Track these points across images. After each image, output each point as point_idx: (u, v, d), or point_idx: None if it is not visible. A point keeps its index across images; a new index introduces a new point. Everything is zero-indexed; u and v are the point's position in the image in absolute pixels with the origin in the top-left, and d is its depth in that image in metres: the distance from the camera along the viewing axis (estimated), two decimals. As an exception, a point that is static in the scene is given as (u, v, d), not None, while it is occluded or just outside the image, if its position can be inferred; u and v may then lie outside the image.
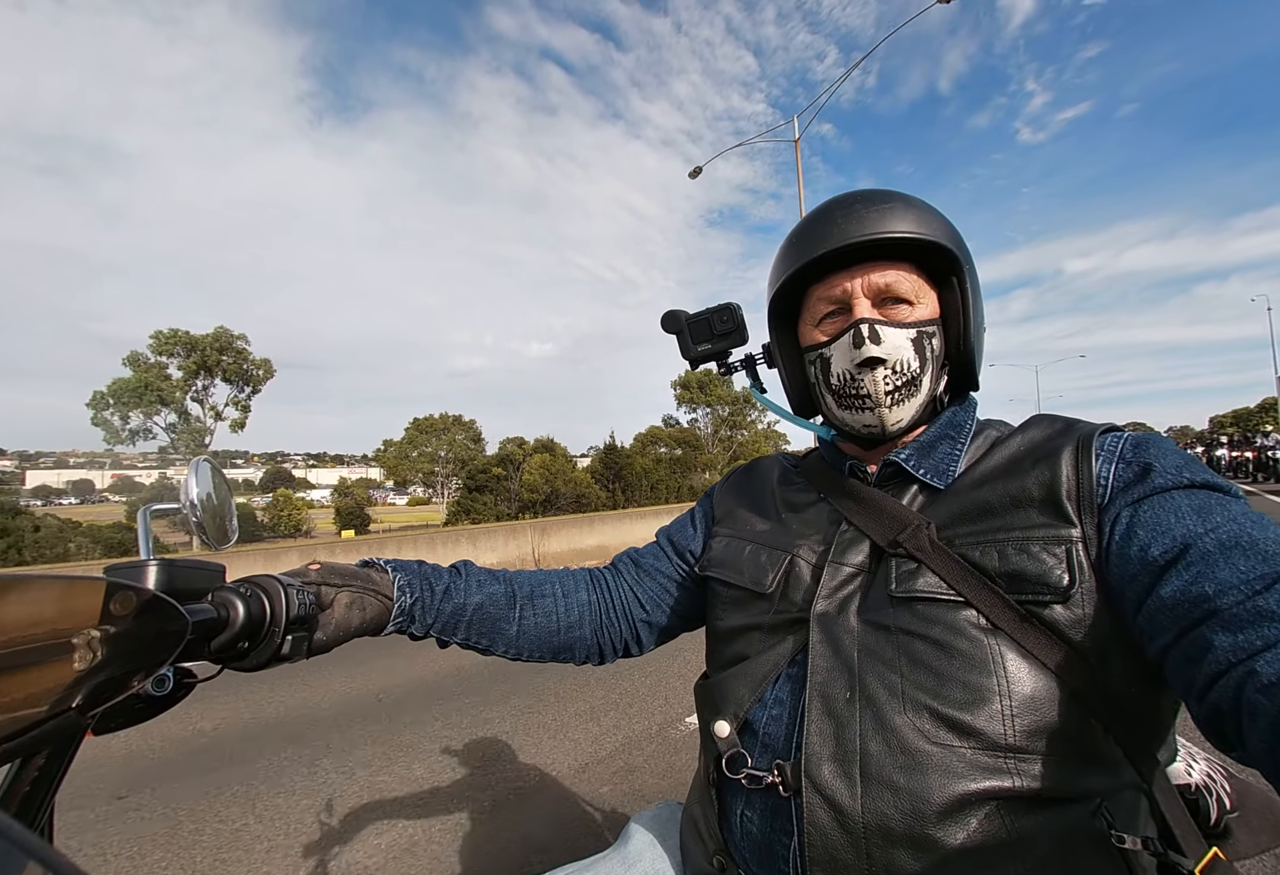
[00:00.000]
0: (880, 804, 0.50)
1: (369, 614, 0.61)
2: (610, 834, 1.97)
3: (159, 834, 2.08)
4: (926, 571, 0.56)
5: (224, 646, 0.49)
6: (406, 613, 0.65)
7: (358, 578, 0.62)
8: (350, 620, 0.59)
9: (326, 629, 0.57)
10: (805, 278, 0.67)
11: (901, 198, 0.65)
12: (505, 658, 0.75)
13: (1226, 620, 0.41)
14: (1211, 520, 0.47)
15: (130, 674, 0.39)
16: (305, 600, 0.53)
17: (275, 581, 0.53)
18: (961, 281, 0.64)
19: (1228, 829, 0.64)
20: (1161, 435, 0.57)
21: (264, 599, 0.51)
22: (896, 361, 0.61)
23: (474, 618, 0.70)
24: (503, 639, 0.73)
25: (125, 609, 0.38)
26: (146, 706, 0.46)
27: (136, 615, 0.38)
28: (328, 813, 2.24)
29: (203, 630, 0.46)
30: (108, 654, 0.36)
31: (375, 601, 0.62)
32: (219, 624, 0.48)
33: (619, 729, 2.85)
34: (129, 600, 0.38)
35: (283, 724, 3.18)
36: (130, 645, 0.38)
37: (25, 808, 0.38)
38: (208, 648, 0.49)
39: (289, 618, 0.51)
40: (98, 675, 0.36)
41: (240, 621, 0.49)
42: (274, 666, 0.53)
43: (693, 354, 0.77)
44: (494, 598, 0.72)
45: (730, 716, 0.62)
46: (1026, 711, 0.49)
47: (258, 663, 0.52)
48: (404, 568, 0.68)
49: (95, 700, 0.37)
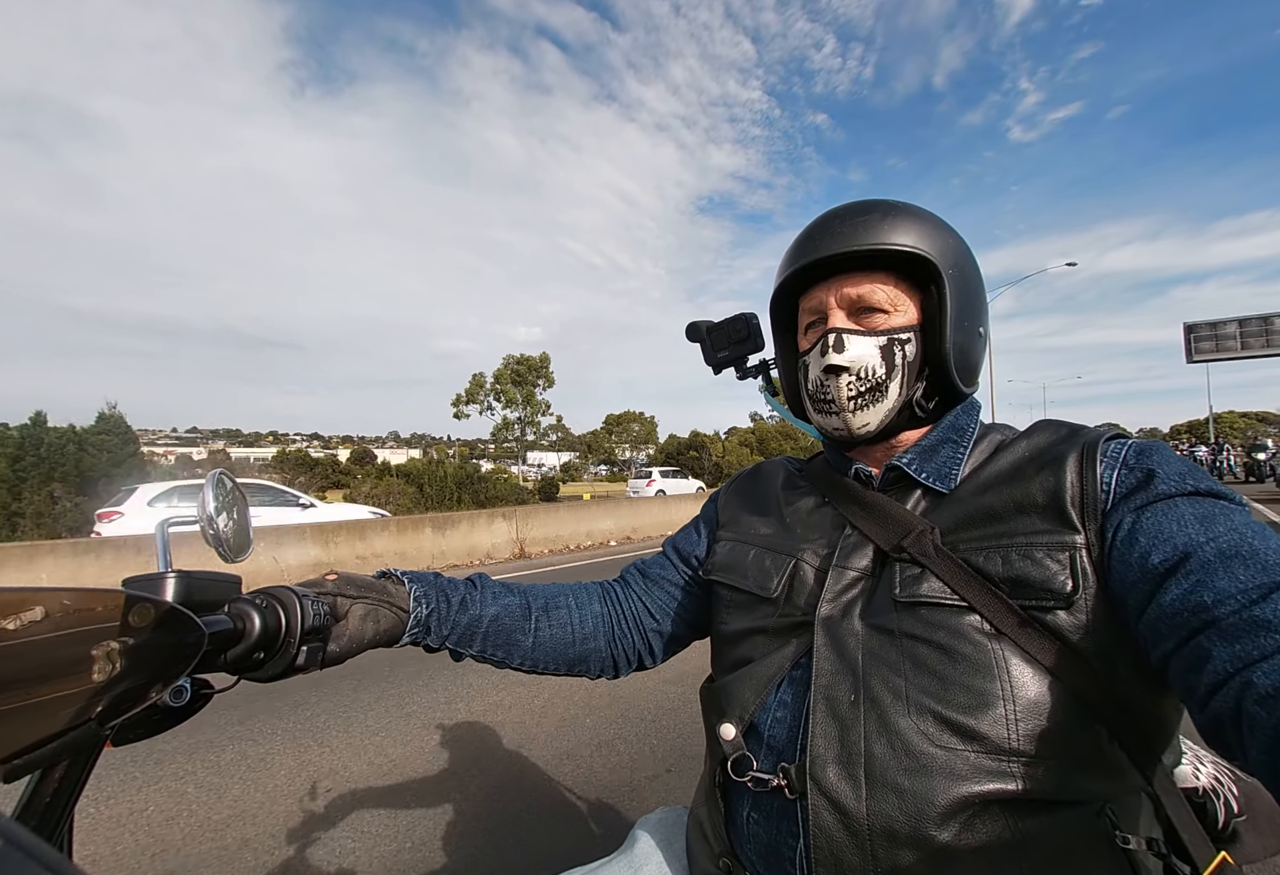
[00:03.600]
0: (885, 806, 0.50)
1: (383, 625, 0.62)
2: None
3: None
4: (930, 576, 0.56)
5: (240, 657, 0.49)
6: (422, 624, 0.66)
7: (373, 589, 0.62)
8: (364, 632, 0.59)
9: (340, 640, 0.57)
10: (795, 289, 0.71)
11: (884, 208, 0.65)
12: (521, 670, 0.75)
13: (1224, 630, 0.41)
14: (1213, 529, 0.47)
15: (148, 685, 0.39)
16: (320, 610, 0.54)
17: (290, 592, 0.53)
18: (940, 288, 0.64)
19: (1235, 833, 0.63)
20: (1164, 443, 0.57)
21: (279, 610, 0.51)
22: (861, 368, 0.63)
23: (490, 629, 0.71)
24: (518, 651, 0.73)
25: (143, 621, 0.38)
26: (164, 717, 0.46)
27: (154, 627, 0.39)
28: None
29: (219, 641, 0.47)
30: (126, 665, 0.37)
31: (390, 613, 0.62)
32: (235, 635, 0.49)
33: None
34: (147, 612, 0.39)
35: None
36: (148, 657, 0.39)
37: (45, 819, 0.38)
38: (224, 658, 0.49)
39: (304, 629, 0.52)
40: (117, 687, 0.37)
41: (256, 633, 0.49)
42: (289, 677, 0.53)
43: (713, 360, 0.85)
44: (509, 609, 0.73)
45: (736, 719, 0.62)
46: (1030, 715, 0.50)
47: (273, 673, 0.52)
48: (420, 579, 0.68)
49: (114, 711, 0.37)
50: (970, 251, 0.69)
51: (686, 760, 2.48)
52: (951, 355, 0.64)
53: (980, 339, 0.69)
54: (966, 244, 0.69)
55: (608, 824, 2.07)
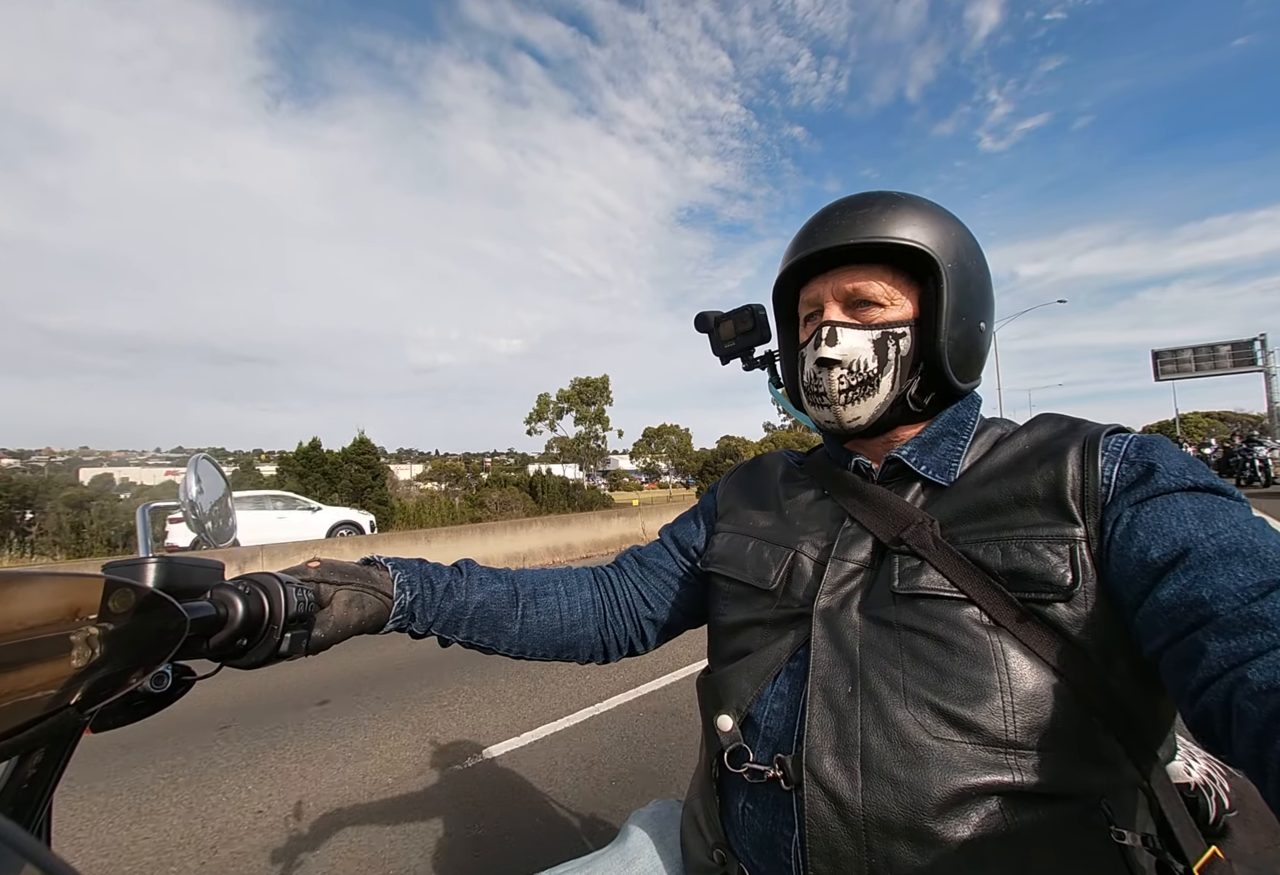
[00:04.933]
0: (880, 797, 0.50)
1: (368, 611, 0.61)
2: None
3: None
4: (929, 568, 0.56)
5: (223, 644, 0.49)
6: (406, 610, 0.65)
7: (357, 575, 0.62)
8: (349, 618, 0.59)
9: (325, 627, 0.57)
10: (797, 281, 0.70)
11: (885, 200, 0.64)
12: (509, 656, 0.75)
13: (1221, 626, 0.41)
14: (1213, 525, 0.47)
15: (129, 671, 0.38)
16: (304, 597, 0.53)
17: (274, 579, 0.52)
18: (938, 282, 0.63)
19: (1226, 828, 0.64)
20: (1166, 438, 0.57)
21: (263, 597, 0.51)
22: (853, 362, 0.63)
23: (476, 616, 0.71)
24: (505, 637, 0.73)
25: (124, 606, 0.38)
26: (145, 704, 0.46)
27: (135, 613, 0.38)
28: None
29: (201, 628, 0.46)
30: (106, 651, 0.36)
31: (374, 599, 0.62)
32: (218, 621, 0.48)
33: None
34: (128, 597, 0.38)
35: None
36: (129, 642, 0.38)
37: (22, 806, 0.37)
38: (206, 645, 0.48)
39: (288, 615, 0.51)
40: (96, 672, 0.36)
41: (239, 619, 0.49)
42: (272, 664, 0.53)
43: (720, 351, 0.86)
44: (496, 596, 0.72)
45: (733, 711, 0.62)
46: (1028, 708, 0.50)
47: (256, 660, 0.52)
48: (404, 565, 0.68)
49: (94, 697, 0.36)
50: (975, 245, 0.68)
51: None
52: (947, 350, 0.63)
53: (982, 334, 0.68)
54: (972, 237, 0.67)
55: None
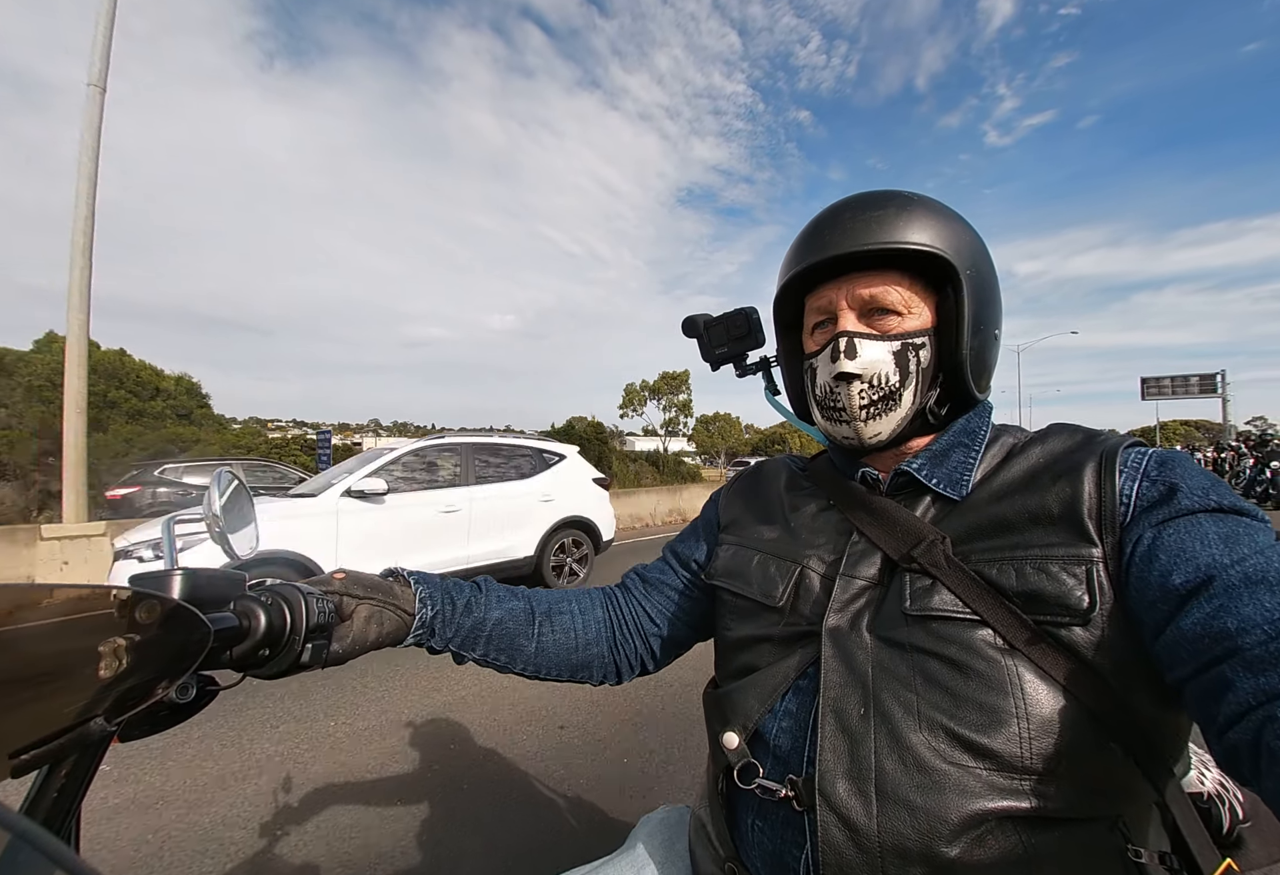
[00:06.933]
0: (896, 823, 0.49)
1: (387, 628, 0.61)
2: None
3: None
4: (941, 588, 0.55)
5: (245, 654, 0.50)
6: (426, 626, 0.65)
7: (379, 590, 0.62)
8: (368, 634, 0.59)
9: (343, 642, 0.57)
10: (802, 285, 0.67)
11: (899, 202, 0.62)
12: (524, 676, 0.74)
13: (1249, 661, 0.40)
14: (1239, 551, 0.45)
15: (155, 682, 0.39)
16: (325, 609, 0.54)
17: (295, 590, 0.53)
18: (957, 290, 0.61)
19: (1240, 839, 0.63)
20: (1185, 453, 0.55)
21: (285, 608, 0.51)
22: (874, 376, 0.60)
23: (493, 633, 0.70)
24: (521, 656, 0.72)
25: (150, 618, 0.38)
26: (171, 714, 0.46)
27: (161, 624, 0.39)
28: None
29: (225, 639, 0.47)
30: (133, 662, 0.37)
31: (394, 616, 0.62)
32: (241, 632, 0.49)
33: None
34: (154, 609, 0.39)
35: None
36: (155, 653, 0.39)
37: (52, 815, 0.38)
38: (229, 655, 0.49)
39: (309, 626, 0.52)
40: (123, 683, 0.37)
41: (261, 630, 0.49)
42: (293, 674, 0.53)
43: (711, 356, 0.81)
44: (514, 613, 0.72)
45: (739, 728, 0.61)
46: (1044, 734, 0.48)
47: (278, 670, 0.52)
48: (426, 581, 0.68)
49: (121, 708, 0.37)
50: (986, 249, 0.66)
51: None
52: (968, 361, 0.62)
53: (996, 342, 0.66)
54: (983, 241, 0.66)
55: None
